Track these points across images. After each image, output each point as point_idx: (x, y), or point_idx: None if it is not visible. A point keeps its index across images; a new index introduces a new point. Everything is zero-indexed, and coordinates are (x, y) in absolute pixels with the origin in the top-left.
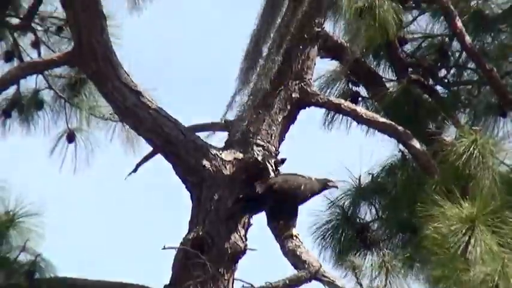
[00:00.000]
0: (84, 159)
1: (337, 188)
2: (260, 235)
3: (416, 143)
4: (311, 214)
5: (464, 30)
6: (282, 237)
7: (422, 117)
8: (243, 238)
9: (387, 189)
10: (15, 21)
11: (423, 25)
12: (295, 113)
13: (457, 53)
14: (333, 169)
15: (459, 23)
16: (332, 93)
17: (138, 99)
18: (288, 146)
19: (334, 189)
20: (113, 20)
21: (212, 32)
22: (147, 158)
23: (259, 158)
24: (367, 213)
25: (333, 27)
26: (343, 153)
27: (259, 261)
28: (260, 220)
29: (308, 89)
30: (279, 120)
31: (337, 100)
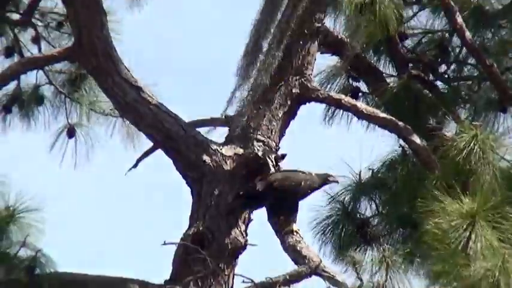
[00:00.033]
0: (84, 154)
1: (337, 183)
2: (260, 230)
3: (416, 139)
4: (311, 209)
5: (464, 25)
6: (283, 232)
7: (422, 112)
8: (244, 233)
9: (387, 184)
10: (15, 16)
11: (423, 21)
12: (295, 109)
13: (457, 49)
14: (333, 164)
15: (459, 19)
16: (332, 88)
17: (139, 94)
18: (288, 142)
19: (334, 184)
20: (113, 16)
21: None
22: (148, 154)
23: (259, 154)
24: (367, 208)
25: (334, 22)
26: (343, 148)
27: (259, 256)
28: (260, 215)
29: (308, 85)
30: (280, 115)
31: (337, 95)
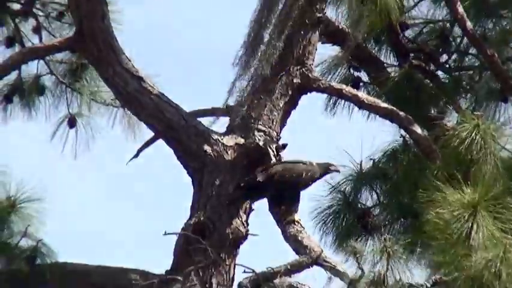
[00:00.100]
0: (85, 144)
1: (339, 172)
2: (262, 220)
3: (417, 128)
4: (312, 199)
5: (465, 15)
6: (284, 222)
7: (423, 102)
8: (245, 223)
9: (388, 174)
10: (16, 6)
11: (424, 10)
12: (296, 99)
13: (459, 39)
14: (335, 154)
15: (460, 9)
16: (334, 78)
17: (140, 84)
18: (290, 132)
19: (335, 174)
20: (114, 6)
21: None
22: (149, 144)
23: (260, 143)
24: (368, 198)
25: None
26: (344, 138)
27: (260, 246)
28: (262, 205)
29: (309, 75)
30: (281, 105)
31: (338, 85)
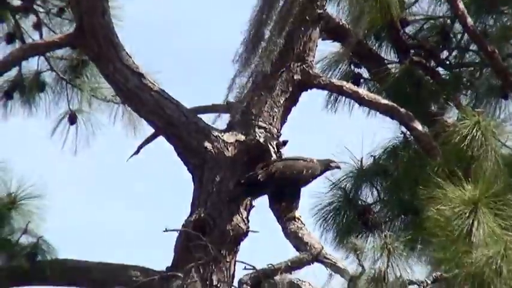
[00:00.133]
0: (85, 140)
1: (339, 169)
2: (262, 217)
3: (418, 125)
4: (313, 196)
5: (466, 12)
6: (284, 219)
7: (424, 99)
8: (245, 220)
9: (389, 171)
10: (16, 3)
11: (425, 7)
12: (297, 95)
13: (459, 35)
14: (335, 151)
15: (461, 5)
16: (334, 75)
17: (140, 81)
18: (290, 128)
19: (336, 170)
20: (115, 2)
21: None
22: (149, 140)
23: (261, 140)
24: (368, 195)
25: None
26: (345, 135)
27: (261, 243)
28: (262, 202)
29: (310, 71)
30: (281, 102)
31: (339, 82)
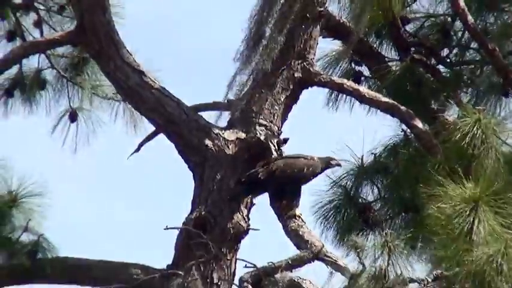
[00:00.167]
0: (86, 138)
1: (340, 166)
2: (263, 215)
3: (418, 123)
4: (313, 194)
5: (466, 9)
6: (285, 217)
7: (424, 96)
8: (246, 218)
9: (390, 168)
10: (17, 0)
11: (425, 4)
12: (297, 93)
13: (460, 33)
14: (336, 149)
15: (461, 3)
16: (335, 72)
17: (141, 78)
18: (291, 126)
19: (336, 168)
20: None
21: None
22: (150, 138)
23: (261, 138)
24: (369, 193)
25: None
26: (345, 132)
27: (261, 241)
28: (263, 200)
29: (311, 69)
30: (282, 99)
31: (339, 80)
